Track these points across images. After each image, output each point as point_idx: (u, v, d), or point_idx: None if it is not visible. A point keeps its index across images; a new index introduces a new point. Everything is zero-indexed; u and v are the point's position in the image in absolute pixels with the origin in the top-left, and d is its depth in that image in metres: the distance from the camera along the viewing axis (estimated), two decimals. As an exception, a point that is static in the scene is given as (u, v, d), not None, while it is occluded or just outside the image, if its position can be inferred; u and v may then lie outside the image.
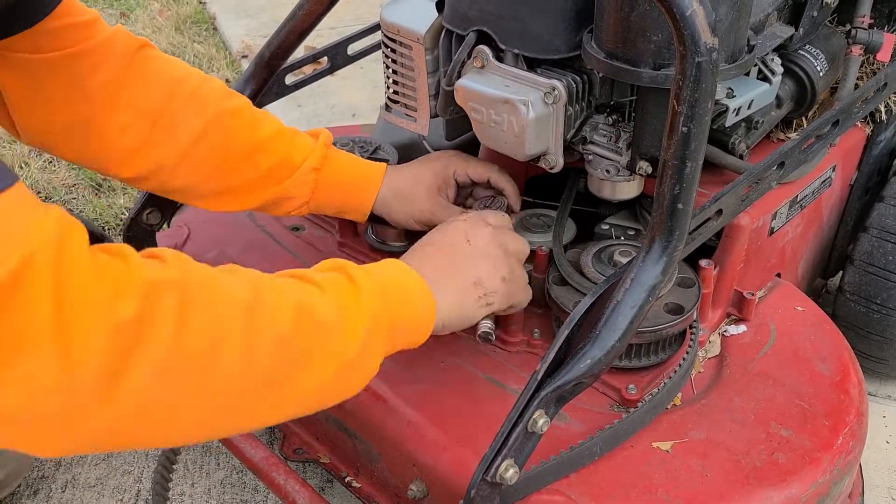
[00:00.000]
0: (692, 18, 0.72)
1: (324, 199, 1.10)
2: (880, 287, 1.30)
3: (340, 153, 1.13)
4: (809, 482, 0.89)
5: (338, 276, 0.79)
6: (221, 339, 0.66)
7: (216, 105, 1.04)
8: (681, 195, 0.81)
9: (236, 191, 1.07)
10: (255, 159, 1.05)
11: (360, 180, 1.12)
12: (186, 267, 0.68)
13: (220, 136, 1.04)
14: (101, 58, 0.96)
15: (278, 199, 1.08)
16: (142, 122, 1.00)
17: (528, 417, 0.80)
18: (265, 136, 1.06)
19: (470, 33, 1.01)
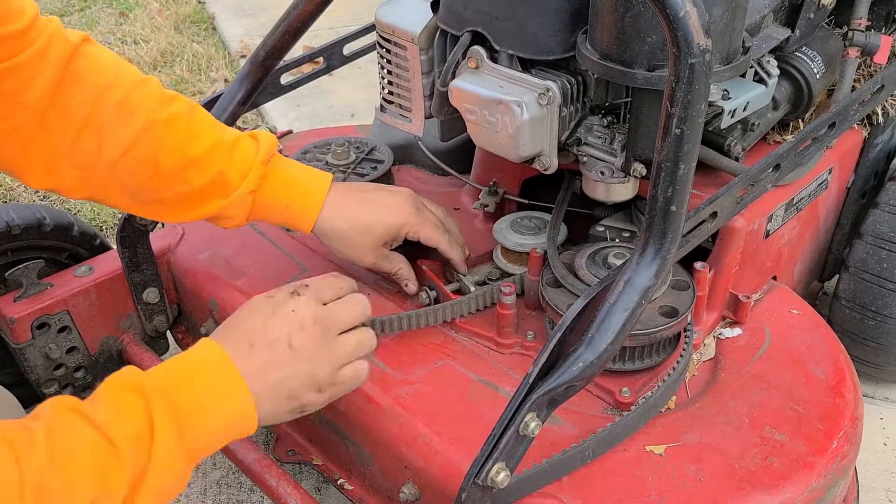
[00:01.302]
0: (685, 20, 0.72)
1: (263, 217, 1.07)
2: (875, 294, 1.30)
3: (283, 165, 1.07)
4: (804, 486, 0.89)
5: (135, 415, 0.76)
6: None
7: (147, 115, 0.98)
8: (674, 197, 0.80)
9: (169, 203, 1.03)
10: (187, 175, 1.01)
11: (299, 202, 1.06)
12: None
13: (149, 148, 0.98)
14: (36, 70, 0.92)
15: (215, 216, 1.05)
16: (68, 129, 0.96)
17: (519, 420, 0.79)
18: (200, 150, 1.00)
19: (464, 34, 1.00)
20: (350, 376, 0.91)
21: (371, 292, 1.19)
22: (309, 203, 1.07)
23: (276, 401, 0.85)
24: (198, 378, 0.82)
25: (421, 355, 1.06)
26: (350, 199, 1.08)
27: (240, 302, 1.20)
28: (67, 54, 0.95)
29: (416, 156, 1.47)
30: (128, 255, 1.23)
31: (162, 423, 0.76)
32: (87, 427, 0.74)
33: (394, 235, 1.09)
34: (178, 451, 0.77)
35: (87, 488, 0.71)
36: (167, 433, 0.76)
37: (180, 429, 0.77)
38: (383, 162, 1.37)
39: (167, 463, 0.76)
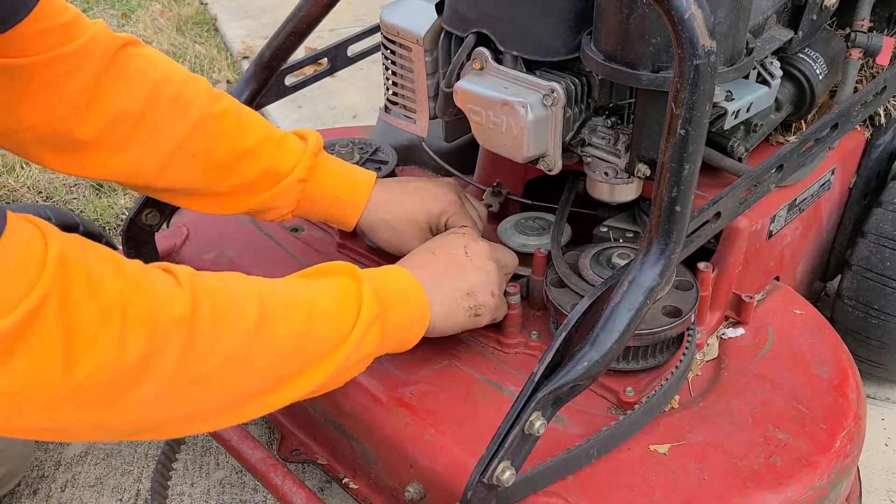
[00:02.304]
0: (690, 21, 0.72)
1: (309, 209, 1.10)
2: (878, 293, 1.30)
3: (330, 160, 1.11)
4: (807, 486, 0.89)
5: (342, 280, 0.86)
6: (227, 364, 0.74)
7: (200, 108, 1.01)
8: (678, 198, 0.81)
9: (220, 196, 1.06)
10: (240, 167, 1.04)
11: (347, 195, 1.10)
12: (197, 293, 0.72)
13: (203, 141, 1.01)
14: (80, 62, 0.94)
15: (263, 207, 1.08)
16: (122, 124, 0.98)
17: (524, 419, 0.80)
18: (251, 143, 1.04)
19: (469, 35, 1.01)
20: (502, 299, 1.02)
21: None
22: (356, 195, 1.10)
23: (455, 300, 0.96)
24: (386, 280, 0.91)
25: (425, 355, 1.06)
26: (394, 191, 1.12)
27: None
28: (112, 50, 0.96)
29: (420, 157, 1.48)
30: (133, 256, 1.23)
31: (368, 299, 0.85)
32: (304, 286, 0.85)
33: (436, 221, 1.12)
34: (376, 331, 0.86)
35: (299, 320, 0.79)
36: (371, 307, 0.85)
37: (383, 309, 0.86)
38: (387, 163, 1.37)
39: (368, 333, 0.85)
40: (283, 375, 0.79)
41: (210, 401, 0.75)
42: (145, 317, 0.67)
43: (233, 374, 0.74)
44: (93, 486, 1.35)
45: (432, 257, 0.98)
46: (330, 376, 0.83)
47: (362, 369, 0.88)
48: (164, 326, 0.68)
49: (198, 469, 1.38)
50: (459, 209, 1.12)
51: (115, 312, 0.65)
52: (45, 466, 1.38)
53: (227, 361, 0.73)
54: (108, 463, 1.39)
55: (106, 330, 0.64)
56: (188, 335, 0.69)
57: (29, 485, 1.35)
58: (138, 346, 0.66)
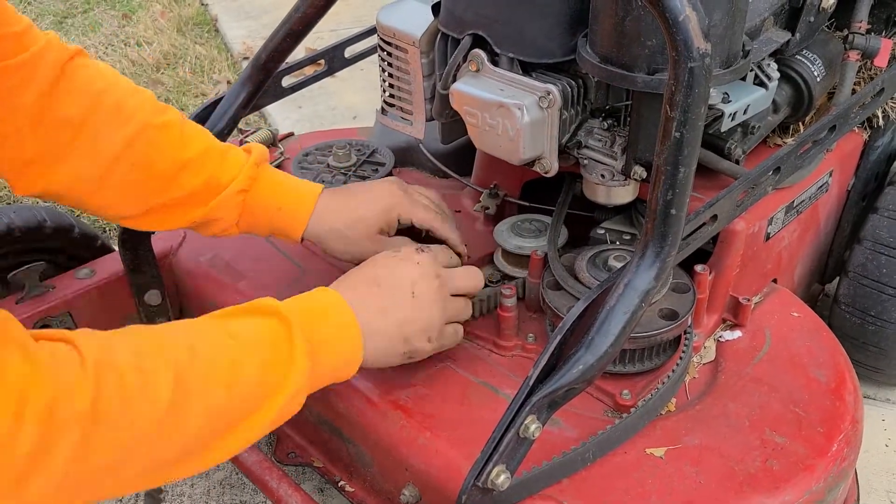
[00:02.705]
0: (685, 24, 0.72)
1: (252, 222, 1.06)
2: (875, 299, 1.30)
3: (274, 172, 1.08)
4: (804, 489, 0.89)
5: (270, 329, 0.81)
6: (129, 452, 0.68)
7: (143, 118, 0.99)
8: (674, 200, 0.80)
9: (160, 210, 1.02)
10: (181, 178, 1.00)
11: (290, 205, 1.06)
12: (102, 378, 0.66)
13: (144, 150, 0.98)
14: (32, 72, 0.92)
15: (205, 220, 1.04)
16: (63, 133, 0.95)
17: (519, 423, 0.79)
18: (193, 154, 1.01)
19: (465, 37, 1.01)
20: (452, 333, 0.99)
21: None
22: (301, 205, 1.06)
23: (392, 342, 0.91)
24: (319, 315, 0.87)
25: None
26: (339, 198, 1.09)
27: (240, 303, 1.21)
28: (63, 60, 0.95)
29: (417, 158, 1.48)
30: (129, 258, 1.23)
31: (299, 344, 0.80)
32: (226, 335, 0.79)
33: (386, 220, 1.08)
34: (306, 381, 0.81)
35: (220, 390, 0.74)
36: (303, 354, 0.80)
37: (313, 353, 0.82)
38: (384, 164, 1.37)
39: (297, 384, 0.80)
40: (196, 448, 0.75)
41: (113, 483, 0.70)
42: (42, 411, 0.62)
43: (137, 458, 0.70)
44: (90, 488, 1.34)
45: (376, 290, 0.92)
46: (250, 440, 0.79)
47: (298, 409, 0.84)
48: (61, 422, 0.63)
49: (195, 471, 1.38)
50: (407, 202, 1.09)
51: (11, 403, 0.60)
52: (43, 468, 1.38)
53: (130, 450, 0.68)
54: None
55: None
56: (86, 430, 0.64)
57: (26, 487, 1.34)
58: (29, 443, 0.61)
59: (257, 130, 1.53)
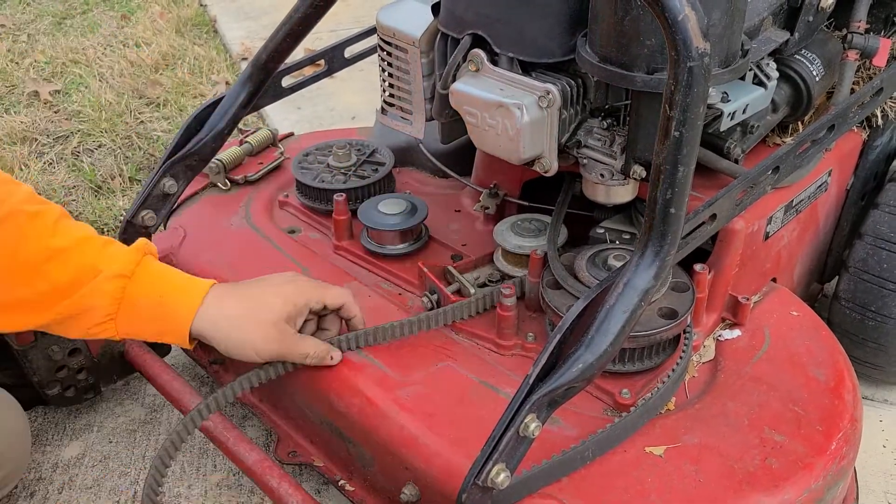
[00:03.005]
0: (684, 23, 0.72)
1: (134, 316, 0.95)
2: (875, 295, 1.30)
3: (159, 264, 1.00)
4: (803, 488, 0.89)
5: None
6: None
7: (13, 205, 0.93)
8: (673, 200, 0.81)
9: (21, 306, 0.93)
10: (48, 268, 0.92)
11: (178, 293, 0.96)
12: None
13: (9, 234, 0.92)
14: None
15: (74, 312, 0.93)
16: None
17: (519, 422, 0.79)
18: (66, 243, 0.93)
19: (465, 37, 1.01)
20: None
21: (372, 294, 1.19)
22: (190, 291, 0.97)
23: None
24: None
25: (421, 357, 1.06)
26: (235, 289, 1.00)
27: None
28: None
29: (417, 158, 1.48)
30: (130, 257, 1.23)
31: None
32: None
33: (295, 306, 0.99)
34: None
35: None
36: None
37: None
38: (384, 164, 1.37)
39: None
40: None
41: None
42: None
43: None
44: (90, 488, 1.35)
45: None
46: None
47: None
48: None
49: (195, 471, 1.38)
50: (315, 286, 1.02)
51: None
52: (43, 468, 1.38)
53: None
54: (105, 465, 1.38)
55: None
56: None
57: (26, 487, 1.35)
58: None
59: (257, 130, 1.53)
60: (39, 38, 3.23)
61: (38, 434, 1.44)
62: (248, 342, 0.97)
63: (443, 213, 1.34)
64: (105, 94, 2.70)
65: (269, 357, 1.00)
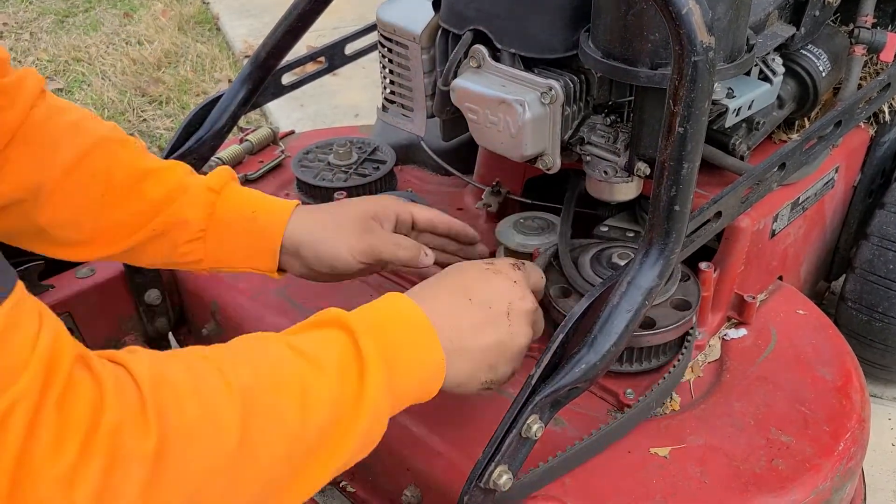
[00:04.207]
0: (688, 17, 0.71)
1: (223, 231, 0.94)
2: (881, 296, 1.29)
3: (246, 188, 0.99)
4: (810, 489, 0.88)
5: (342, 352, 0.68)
6: (201, 489, 0.58)
7: (103, 133, 0.94)
8: (677, 197, 0.79)
9: (118, 228, 0.93)
10: (143, 187, 0.93)
11: (267, 209, 0.95)
12: (163, 406, 0.56)
13: (104, 159, 0.92)
14: (11, 100, 0.88)
15: (167, 226, 0.93)
16: (20, 147, 0.89)
17: (522, 423, 0.78)
18: (158, 165, 0.95)
19: (466, 32, 1.00)
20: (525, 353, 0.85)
21: (374, 293, 1.18)
22: (278, 208, 0.96)
23: (477, 367, 0.78)
24: (393, 329, 0.73)
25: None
26: (322, 206, 1.00)
27: (241, 303, 1.20)
28: (38, 90, 0.92)
29: (418, 156, 1.47)
30: (129, 257, 1.22)
31: (371, 357, 0.67)
32: (290, 351, 0.67)
33: (383, 206, 0.98)
34: (386, 398, 0.69)
35: (292, 412, 0.63)
36: (378, 367, 0.67)
37: (389, 367, 0.69)
38: (385, 162, 1.36)
39: (376, 402, 0.67)
40: (278, 484, 0.63)
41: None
42: (106, 442, 0.52)
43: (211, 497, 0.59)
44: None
45: (466, 304, 0.78)
46: (346, 462, 0.68)
47: (378, 439, 0.71)
48: (124, 458, 0.53)
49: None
50: (402, 202, 1.00)
51: (76, 433, 0.52)
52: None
53: (200, 491, 0.58)
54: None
55: (59, 460, 0.51)
56: (152, 468, 0.54)
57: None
58: (90, 484, 0.51)
59: (257, 128, 1.52)
60: (42, 36, 3.23)
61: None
62: (341, 240, 0.93)
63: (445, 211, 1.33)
64: (107, 92, 2.70)
65: (361, 253, 0.94)
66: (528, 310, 0.83)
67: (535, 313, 0.85)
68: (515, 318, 0.81)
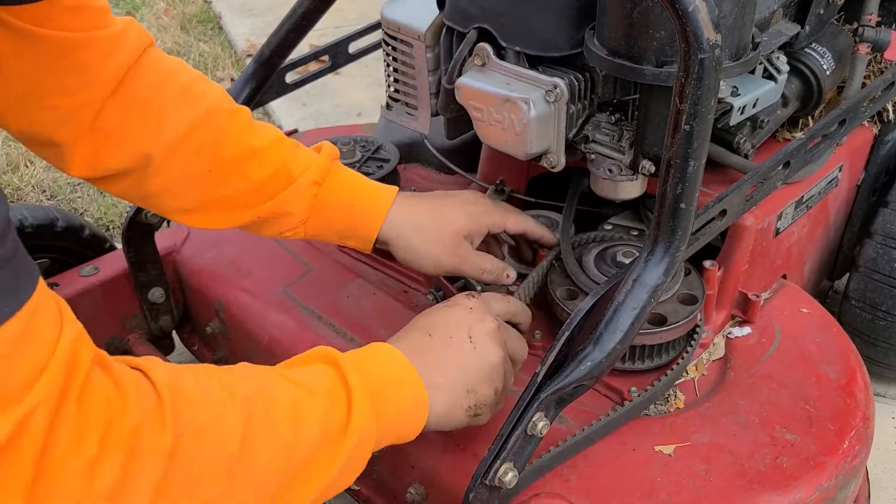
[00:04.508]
0: (695, 14, 0.71)
1: (323, 220, 0.99)
2: (885, 294, 1.29)
3: (346, 169, 1.01)
4: (814, 487, 0.88)
5: (330, 382, 0.73)
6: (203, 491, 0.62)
7: (212, 102, 0.94)
8: (683, 195, 0.79)
9: (223, 203, 0.96)
10: (248, 167, 0.94)
11: (367, 200, 0.99)
12: (178, 410, 0.60)
13: (212, 133, 0.93)
14: (114, 48, 0.87)
15: (272, 215, 0.97)
16: (132, 109, 0.90)
17: (527, 420, 0.78)
18: (262, 143, 0.95)
19: (471, 31, 1.00)
20: (510, 374, 0.88)
21: (377, 292, 1.18)
22: (378, 199, 0.99)
23: (455, 394, 0.81)
24: (374, 364, 0.78)
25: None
26: (420, 197, 1.02)
27: (245, 301, 1.20)
28: (145, 44, 0.92)
29: (422, 154, 1.47)
30: (133, 255, 1.22)
31: (357, 387, 0.72)
32: (283, 378, 0.71)
33: (478, 227, 1.01)
34: (372, 424, 0.72)
35: (286, 426, 0.67)
36: (363, 396, 0.72)
37: (374, 398, 0.73)
38: (389, 160, 1.36)
39: (363, 428, 0.71)
40: (269, 494, 0.67)
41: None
42: (127, 441, 0.56)
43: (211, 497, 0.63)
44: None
45: (428, 340, 0.83)
46: (328, 485, 0.71)
47: (362, 468, 0.75)
48: (143, 454, 0.57)
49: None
50: (501, 210, 1.04)
51: (95, 430, 0.55)
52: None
53: (206, 485, 0.62)
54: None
55: (79, 454, 0.53)
56: (164, 468, 0.58)
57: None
58: (109, 477, 0.55)
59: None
60: (44, 35, 3.22)
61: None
62: (430, 252, 0.99)
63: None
64: (110, 92, 2.69)
65: (446, 269, 0.99)
66: (489, 329, 0.85)
67: (500, 331, 0.87)
68: (478, 340, 0.84)
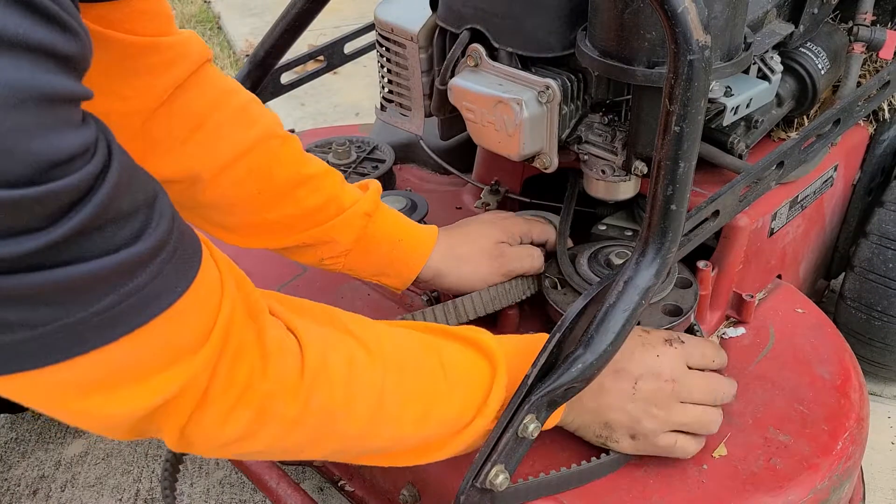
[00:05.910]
0: (684, 16, 0.70)
1: (367, 252, 0.99)
2: (881, 294, 1.28)
3: (391, 209, 1.03)
4: (808, 488, 0.87)
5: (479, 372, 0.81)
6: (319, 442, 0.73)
7: (267, 126, 0.94)
8: (674, 196, 0.79)
9: (269, 226, 0.96)
10: (298, 194, 0.95)
11: (413, 237, 1.01)
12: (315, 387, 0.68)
13: (265, 157, 0.93)
14: (177, 57, 0.88)
15: (317, 241, 0.97)
16: (187, 121, 0.91)
17: (518, 422, 0.78)
18: (313, 171, 0.96)
19: (464, 31, 1.00)
20: (670, 445, 0.87)
21: (371, 293, 1.18)
22: (422, 238, 1.01)
23: (590, 422, 0.87)
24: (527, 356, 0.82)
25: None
26: (453, 230, 1.06)
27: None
28: (204, 57, 0.92)
29: (417, 155, 1.47)
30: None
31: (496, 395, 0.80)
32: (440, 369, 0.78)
33: (507, 232, 1.06)
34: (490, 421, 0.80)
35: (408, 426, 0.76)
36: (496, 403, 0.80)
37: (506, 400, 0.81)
38: (384, 161, 1.36)
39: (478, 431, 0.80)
40: None
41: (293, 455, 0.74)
42: (259, 404, 0.65)
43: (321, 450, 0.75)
44: (92, 486, 1.35)
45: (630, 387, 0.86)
46: None
47: None
48: (270, 416, 0.66)
49: (197, 469, 1.38)
50: (523, 221, 1.08)
51: (236, 388, 0.63)
52: (45, 466, 1.38)
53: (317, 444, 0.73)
54: (108, 463, 1.38)
55: (221, 404, 0.63)
56: (286, 431, 0.68)
57: (29, 485, 1.34)
58: (238, 426, 0.64)
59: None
60: (43, 35, 3.23)
61: (41, 432, 1.45)
62: (478, 273, 1.02)
63: (443, 209, 1.33)
64: (108, 92, 2.69)
65: (494, 279, 1.03)
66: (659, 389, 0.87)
67: (671, 397, 0.87)
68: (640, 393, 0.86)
